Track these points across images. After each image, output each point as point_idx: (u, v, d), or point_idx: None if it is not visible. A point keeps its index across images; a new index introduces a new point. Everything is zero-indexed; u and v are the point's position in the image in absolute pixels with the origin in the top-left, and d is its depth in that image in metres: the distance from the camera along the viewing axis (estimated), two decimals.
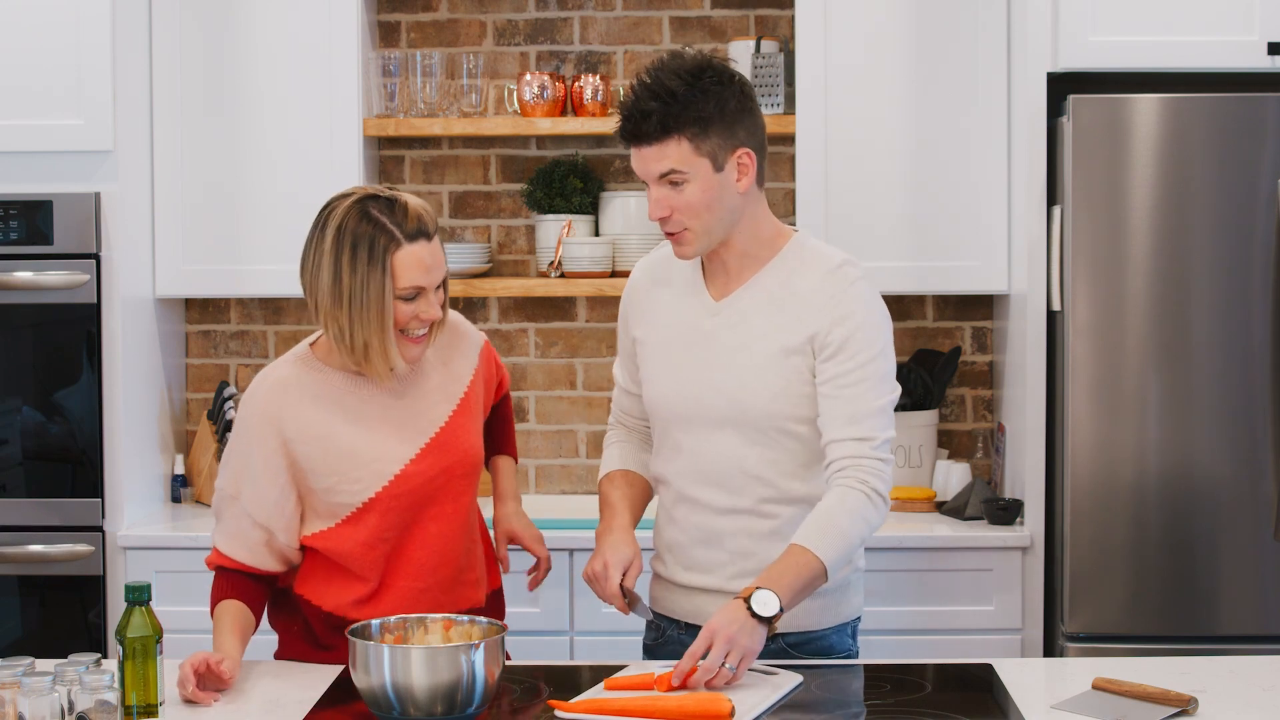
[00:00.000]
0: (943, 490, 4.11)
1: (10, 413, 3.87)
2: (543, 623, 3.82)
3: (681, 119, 2.59)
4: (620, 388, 2.92)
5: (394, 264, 2.55)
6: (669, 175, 2.61)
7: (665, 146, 2.60)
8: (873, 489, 2.59)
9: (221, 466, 2.70)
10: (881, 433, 2.62)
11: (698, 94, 2.59)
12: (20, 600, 3.88)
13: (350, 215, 2.57)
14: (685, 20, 4.35)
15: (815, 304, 2.66)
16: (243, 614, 2.64)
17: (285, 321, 4.40)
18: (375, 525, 2.65)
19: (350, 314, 2.56)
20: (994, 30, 3.95)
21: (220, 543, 2.68)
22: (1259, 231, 3.60)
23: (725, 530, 2.72)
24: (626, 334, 2.87)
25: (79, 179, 3.85)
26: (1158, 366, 3.62)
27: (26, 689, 2.23)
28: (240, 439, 2.67)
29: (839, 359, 2.63)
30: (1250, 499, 3.61)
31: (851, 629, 2.82)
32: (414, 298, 2.59)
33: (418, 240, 2.57)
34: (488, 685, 2.32)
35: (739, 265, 2.72)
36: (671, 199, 2.62)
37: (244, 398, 2.69)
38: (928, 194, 3.99)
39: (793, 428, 2.68)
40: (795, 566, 2.53)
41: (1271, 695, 2.48)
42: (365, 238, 2.55)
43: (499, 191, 4.40)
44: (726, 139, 2.62)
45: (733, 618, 2.46)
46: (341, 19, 4.05)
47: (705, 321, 2.73)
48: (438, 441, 2.70)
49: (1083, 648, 3.63)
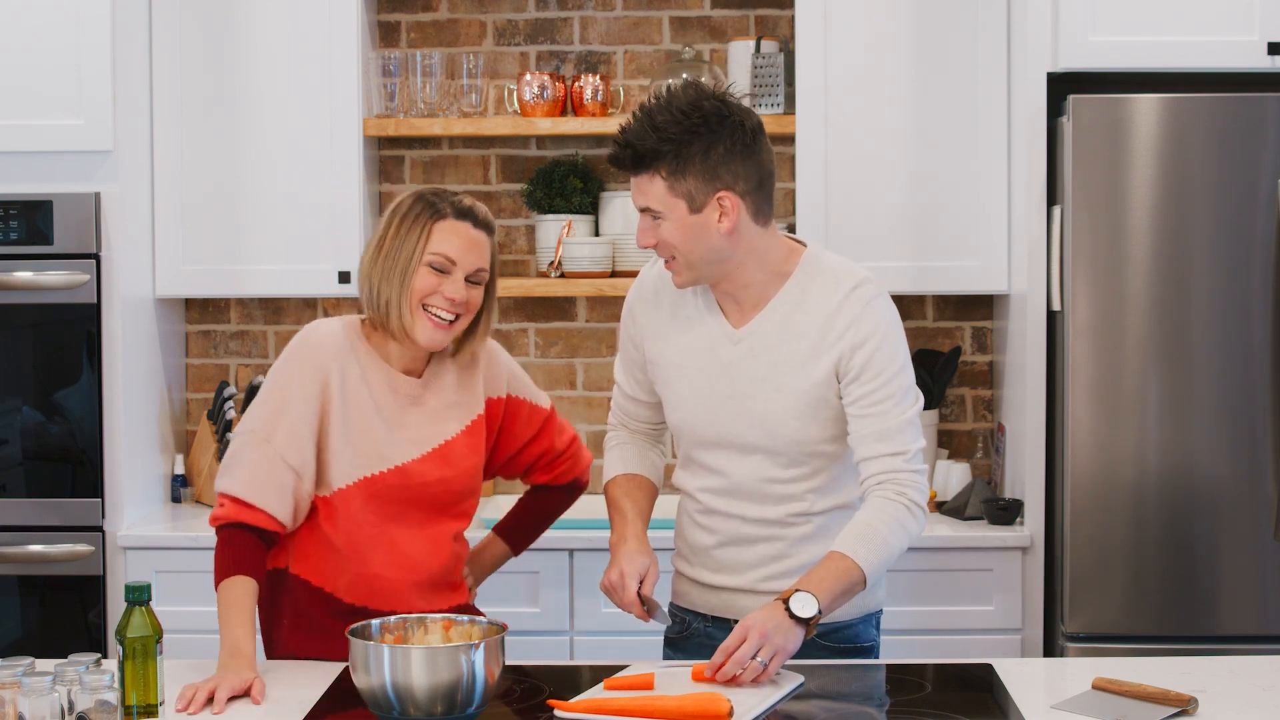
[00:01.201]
0: (943, 490, 4.11)
1: (10, 413, 3.87)
2: (543, 623, 3.82)
3: (657, 158, 2.58)
4: (624, 393, 2.90)
5: (433, 229, 2.65)
6: (647, 211, 2.63)
7: (641, 181, 2.61)
8: (911, 500, 2.62)
9: (250, 410, 2.68)
10: (913, 444, 2.65)
11: (683, 134, 2.56)
12: (20, 600, 3.88)
13: (411, 196, 2.70)
14: (685, 20, 4.35)
15: (835, 328, 2.66)
16: (253, 595, 2.61)
17: (285, 321, 4.40)
18: (362, 506, 2.68)
19: (381, 269, 2.66)
20: (994, 30, 3.95)
21: (240, 489, 2.63)
22: (1259, 231, 3.60)
23: (757, 536, 2.74)
24: (633, 345, 2.84)
25: (79, 179, 3.85)
26: (1158, 366, 3.62)
27: (26, 689, 2.22)
28: (283, 377, 2.67)
29: (862, 380, 2.64)
30: (1250, 499, 3.61)
31: (876, 620, 2.85)
32: (443, 269, 2.63)
33: (464, 219, 2.66)
34: (488, 685, 2.32)
35: (750, 295, 2.71)
36: (653, 230, 2.63)
37: (296, 341, 2.70)
38: (928, 194, 4.00)
39: (823, 448, 2.70)
40: (835, 572, 2.55)
41: (1271, 695, 2.48)
42: (415, 209, 2.68)
43: (499, 191, 4.40)
44: (706, 181, 2.58)
45: (770, 616, 2.48)
46: (341, 19, 4.05)
47: (727, 350, 2.71)
48: (441, 452, 2.73)
49: (1083, 648, 3.63)
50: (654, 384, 2.82)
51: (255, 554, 2.64)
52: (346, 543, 2.69)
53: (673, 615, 2.88)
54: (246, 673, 2.49)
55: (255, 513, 2.63)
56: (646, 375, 2.84)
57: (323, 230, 4.06)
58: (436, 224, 2.65)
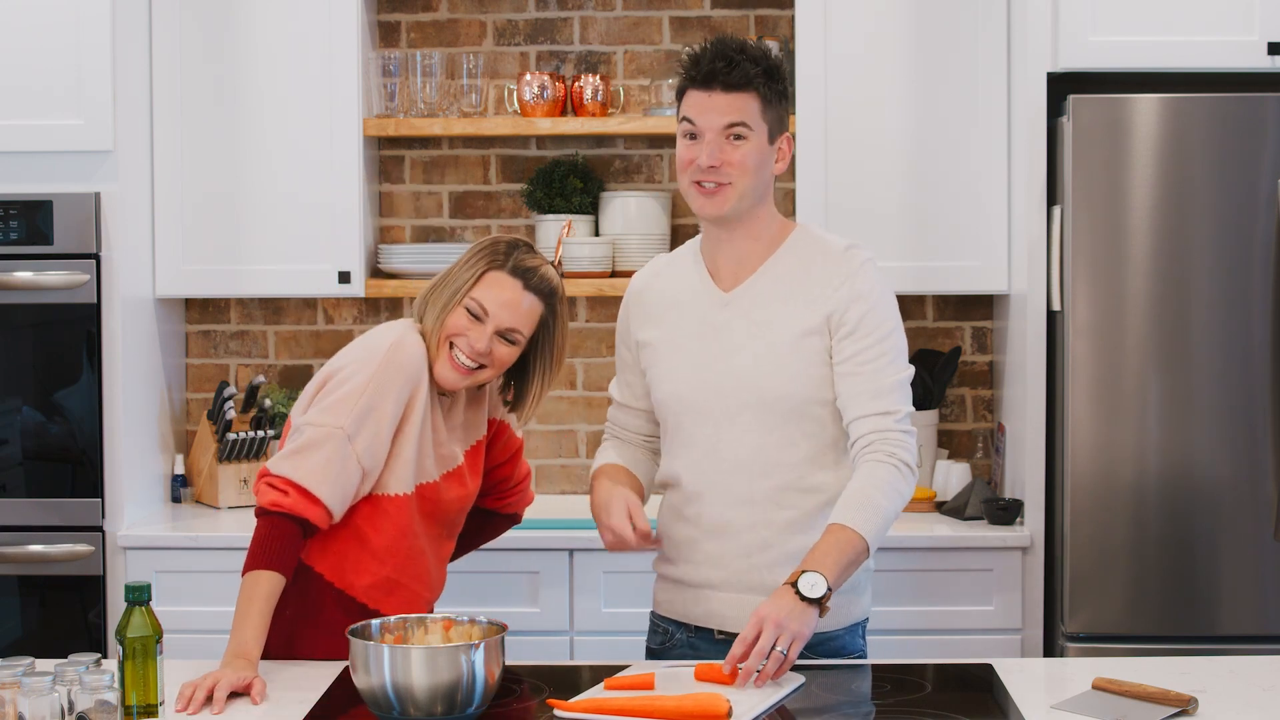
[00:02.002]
0: (943, 490, 4.11)
1: (10, 413, 3.87)
2: (543, 623, 3.82)
3: (764, 79, 2.66)
4: (618, 404, 2.93)
5: (485, 275, 2.71)
6: (735, 127, 2.66)
7: (741, 97, 2.66)
8: (901, 460, 2.62)
9: (335, 403, 2.64)
10: (903, 406, 2.66)
11: (772, 69, 2.68)
12: (20, 600, 3.88)
13: (492, 238, 2.78)
14: (685, 20, 4.35)
15: (830, 284, 2.70)
16: (275, 597, 2.58)
17: (285, 321, 4.40)
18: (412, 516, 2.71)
19: (434, 293, 2.75)
20: (994, 30, 3.95)
21: (310, 480, 2.60)
22: (1259, 231, 3.60)
23: (741, 523, 2.72)
24: (628, 342, 2.87)
25: (79, 179, 3.85)
26: (1158, 366, 3.62)
27: (26, 689, 2.22)
28: (377, 382, 2.65)
29: (856, 336, 2.66)
30: (1250, 499, 3.61)
31: (862, 629, 2.83)
32: (477, 316, 2.68)
33: (517, 276, 2.70)
34: (488, 685, 2.32)
35: (747, 253, 2.74)
36: (727, 151, 2.66)
37: (392, 348, 2.67)
38: (928, 194, 4.00)
39: (812, 410, 2.69)
40: (837, 545, 2.54)
41: (1271, 695, 2.48)
42: (484, 250, 2.74)
43: (499, 191, 4.40)
44: (781, 119, 2.72)
45: (780, 603, 2.47)
46: (341, 19, 4.05)
47: (717, 313, 2.74)
48: (457, 473, 2.79)
49: (1083, 648, 3.63)
50: (646, 372, 2.82)
51: (293, 550, 2.61)
52: (385, 546, 2.70)
53: (655, 626, 2.87)
54: (246, 671, 2.49)
55: (316, 507, 2.61)
56: (641, 379, 2.85)
57: (323, 230, 4.07)
58: (490, 271, 2.70)
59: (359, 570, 2.71)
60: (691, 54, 2.70)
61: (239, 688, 2.46)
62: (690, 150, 2.69)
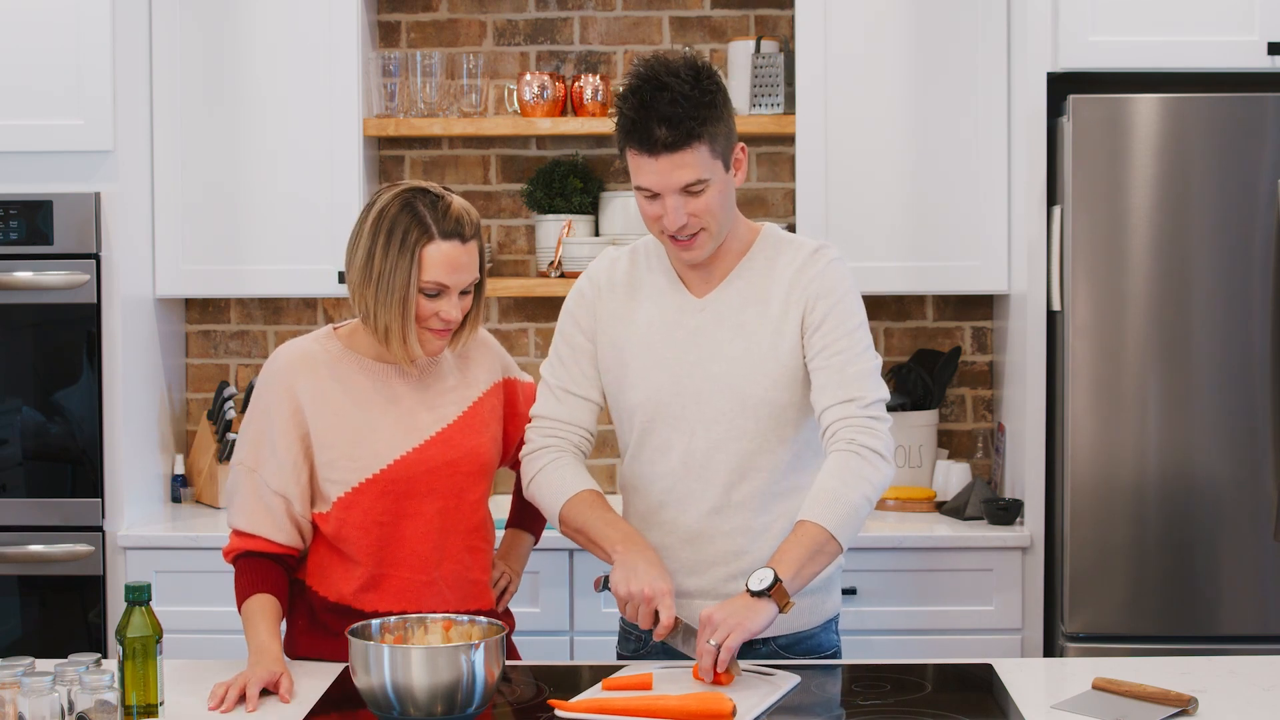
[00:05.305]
0: (943, 490, 4.11)
1: (10, 413, 3.87)
2: (543, 623, 3.82)
3: (703, 124, 2.54)
4: (564, 392, 2.78)
5: (423, 256, 2.61)
6: (693, 185, 2.57)
7: (689, 154, 2.55)
8: (862, 445, 2.58)
9: (238, 442, 2.72)
10: (872, 393, 2.63)
11: (707, 96, 2.55)
12: (20, 600, 3.88)
13: (394, 202, 2.63)
14: (685, 20, 4.35)
15: (799, 284, 2.68)
16: (274, 608, 2.63)
17: (285, 321, 4.40)
18: (369, 508, 2.67)
19: (376, 295, 2.62)
20: (994, 31, 3.95)
21: (240, 521, 2.68)
22: (1259, 231, 3.60)
23: (717, 530, 2.70)
24: (587, 332, 2.78)
25: (79, 179, 3.85)
26: (1158, 366, 3.62)
27: (26, 689, 2.22)
28: (258, 406, 2.71)
29: (823, 330, 2.65)
30: (1250, 499, 3.62)
31: (834, 625, 2.83)
32: (437, 294, 2.63)
33: (451, 239, 2.62)
34: (488, 685, 2.32)
35: (715, 268, 2.72)
36: (691, 204, 2.59)
37: (264, 367, 2.73)
38: (928, 194, 4.00)
39: (789, 415, 2.68)
40: (796, 539, 2.54)
41: (1271, 695, 2.48)
42: (401, 225, 2.61)
43: (499, 191, 4.40)
44: (730, 135, 2.62)
45: (727, 603, 2.48)
46: (341, 19, 4.05)
47: (690, 319, 2.71)
48: (442, 437, 2.71)
49: (1083, 648, 3.63)
50: (605, 374, 2.76)
51: (271, 574, 2.67)
52: (356, 546, 2.68)
53: (628, 634, 2.85)
54: (274, 666, 2.50)
55: (258, 541, 2.68)
56: (594, 368, 2.77)
57: (323, 230, 4.06)
58: (426, 249, 2.59)
59: (342, 578, 2.70)
60: (626, 114, 2.56)
61: (269, 683, 2.47)
62: (652, 207, 2.61)
